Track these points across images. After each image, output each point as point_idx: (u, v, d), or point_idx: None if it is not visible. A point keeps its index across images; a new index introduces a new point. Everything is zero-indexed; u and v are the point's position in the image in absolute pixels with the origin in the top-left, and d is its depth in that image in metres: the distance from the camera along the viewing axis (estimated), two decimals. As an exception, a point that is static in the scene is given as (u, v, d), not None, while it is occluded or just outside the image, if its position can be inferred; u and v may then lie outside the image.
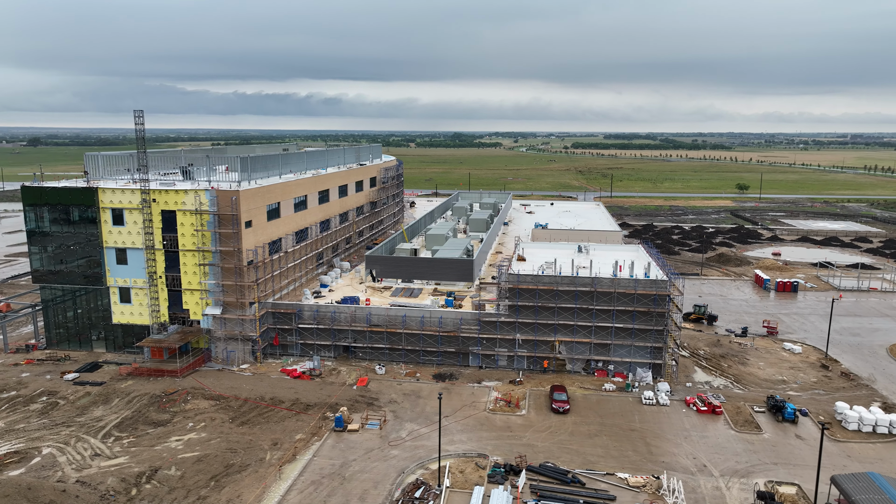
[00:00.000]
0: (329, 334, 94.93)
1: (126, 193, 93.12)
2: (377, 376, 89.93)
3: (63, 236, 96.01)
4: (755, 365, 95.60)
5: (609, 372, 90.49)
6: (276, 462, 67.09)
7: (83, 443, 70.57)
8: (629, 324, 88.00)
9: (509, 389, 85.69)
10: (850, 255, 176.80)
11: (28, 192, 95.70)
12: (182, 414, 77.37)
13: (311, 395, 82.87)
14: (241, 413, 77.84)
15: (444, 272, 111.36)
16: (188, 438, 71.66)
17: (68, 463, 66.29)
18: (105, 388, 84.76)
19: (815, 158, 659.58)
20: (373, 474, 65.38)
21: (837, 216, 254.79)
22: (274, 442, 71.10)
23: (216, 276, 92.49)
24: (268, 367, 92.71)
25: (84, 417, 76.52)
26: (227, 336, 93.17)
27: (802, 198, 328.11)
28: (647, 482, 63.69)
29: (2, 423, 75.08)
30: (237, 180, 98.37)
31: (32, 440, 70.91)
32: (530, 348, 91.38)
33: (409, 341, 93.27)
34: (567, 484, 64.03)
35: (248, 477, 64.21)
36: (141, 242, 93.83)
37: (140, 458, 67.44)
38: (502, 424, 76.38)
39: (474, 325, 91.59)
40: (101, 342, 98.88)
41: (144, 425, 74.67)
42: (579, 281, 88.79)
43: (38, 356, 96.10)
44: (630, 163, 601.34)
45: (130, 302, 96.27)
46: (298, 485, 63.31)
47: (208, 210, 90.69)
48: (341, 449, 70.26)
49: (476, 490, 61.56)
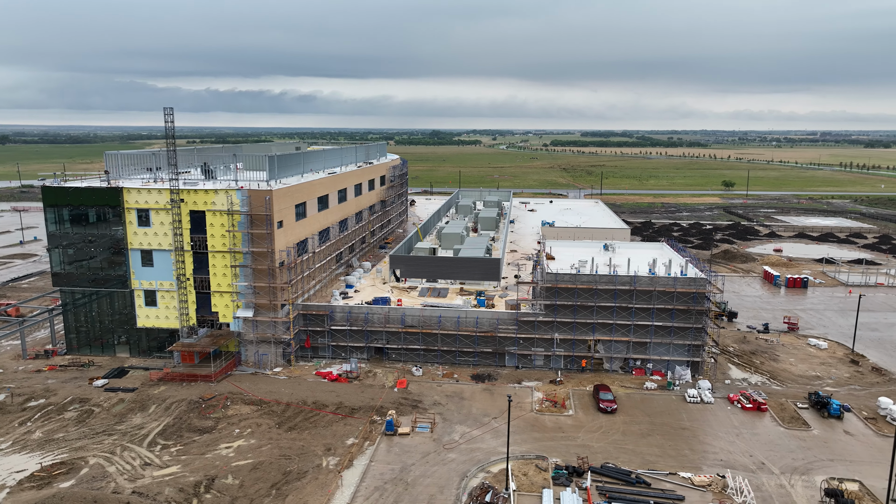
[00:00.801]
0: (362, 336, 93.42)
1: (153, 193, 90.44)
2: (415, 378, 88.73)
3: (85, 238, 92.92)
4: (786, 361, 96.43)
5: (647, 370, 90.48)
6: (333, 468, 65.64)
7: (129, 452, 68.29)
8: (668, 322, 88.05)
9: (551, 389, 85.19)
10: (849, 251, 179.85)
11: (49, 192, 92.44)
12: (225, 420, 75.36)
13: (354, 399, 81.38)
14: (286, 418, 76.07)
15: (470, 272, 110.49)
16: (237, 445, 69.78)
17: (119, 473, 64.05)
18: (138, 394, 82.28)
19: (790, 156, 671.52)
20: (435, 479, 64.30)
21: (827, 212, 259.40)
22: (327, 447, 69.57)
23: (247, 277, 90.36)
24: (301, 370, 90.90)
25: (124, 425, 74.08)
26: (258, 339, 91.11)
27: (787, 194, 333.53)
28: (711, 481, 63.60)
29: (39, 432, 72.33)
30: (265, 179, 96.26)
31: (75, 450, 68.41)
32: (567, 348, 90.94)
33: (444, 342, 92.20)
34: (632, 485, 63.68)
35: (308, 484, 62.67)
36: (168, 244, 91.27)
37: (192, 466, 65.45)
38: (552, 425, 75.79)
39: (512, 325, 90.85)
40: (125, 347, 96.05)
41: (189, 432, 72.53)
42: (618, 279, 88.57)
43: (60, 362, 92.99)
44: (611, 160, 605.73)
45: (156, 305, 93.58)
46: (362, 491, 61.97)
47: (240, 210, 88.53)
48: (397, 453, 69.01)
49: (545, 493, 60.89)
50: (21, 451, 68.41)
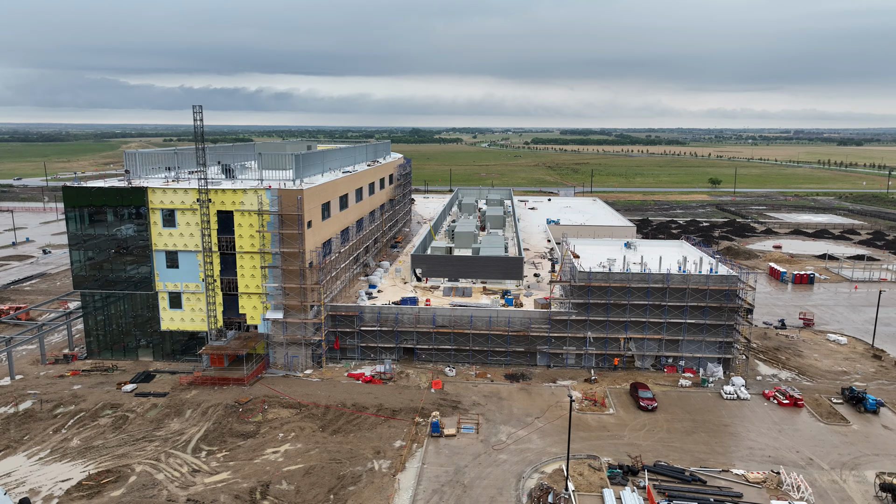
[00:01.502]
0: (392, 336, 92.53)
1: (178, 193, 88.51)
2: (448, 378, 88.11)
3: (108, 239, 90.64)
4: (810, 357, 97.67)
5: (678, 368, 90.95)
6: (387, 471, 64.83)
7: (174, 458, 66.73)
8: (700, 319, 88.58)
9: (587, 388, 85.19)
10: (846, 247, 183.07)
11: (70, 192, 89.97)
12: (267, 424, 74.02)
13: (393, 400, 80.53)
14: (328, 421, 74.98)
15: (492, 271, 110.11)
16: (284, 450, 68.57)
17: (169, 481, 62.52)
18: (170, 399, 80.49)
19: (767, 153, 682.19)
20: (491, 480, 63.82)
21: (816, 209, 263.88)
22: (376, 450, 68.69)
23: (276, 278, 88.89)
24: (332, 372, 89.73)
25: (163, 431, 72.38)
26: (288, 341, 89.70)
27: (773, 191, 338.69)
28: (766, 478, 64.04)
29: (76, 440, 70.33)
30: (291, 178, 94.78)
31: (118, 458, 66.64)
32: (599, 346, 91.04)
33: (476, 342, 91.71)
34: (687, 482, 63.86)
35: (365, 488, 61.78)
36: (194, 245, 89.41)
37: (243, 472, 64.14)
38: (596, 424, 75.75)
39: (544, 325, 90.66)
40: (147, 350, 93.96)
41: (232, 437, 71.10)
42: (651, 277, 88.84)
43: (82, 367, 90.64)
44: (595, 158, 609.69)
45: (181, 307, 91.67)
46: (420, 494, 61.27)
47: (269, 210, 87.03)
48: (447, 455, 68.39)
49: (606, 493, 60.77)
50: (61, 459, 66.47)
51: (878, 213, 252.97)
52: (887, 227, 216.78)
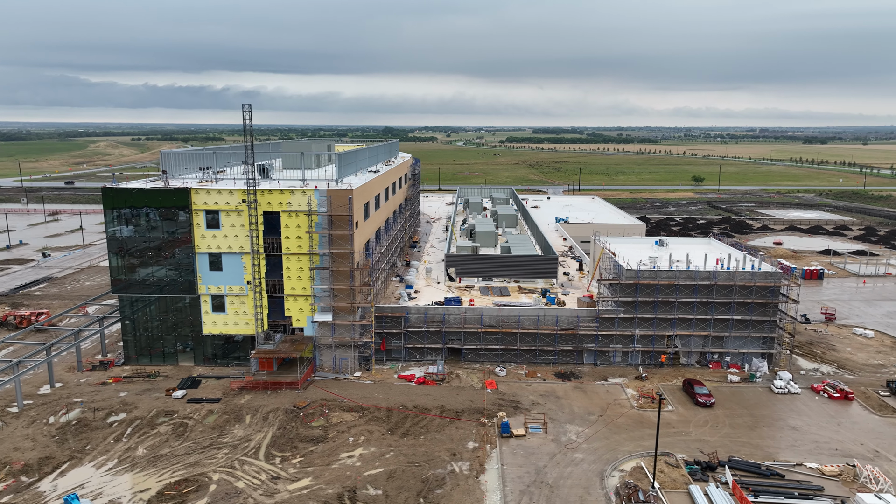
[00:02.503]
0: (438, 337, 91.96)
1: (223, 194, 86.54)
2: (499, 378, 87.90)
3: (149, 242, 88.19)
4: (844, 350, 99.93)
5: (724, 364, 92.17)
6: (468, 473, 64.37)
7: (249, 465, 65.26)
8: (746, 315, 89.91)
9: (639, 385, 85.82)
10: (842, 243, 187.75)
11: (110, 193, 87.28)
12: (334, 428, 72.85)
13: (453, 401, 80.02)
14: (394, 424, 74.13)
15: (526, 270, 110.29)
16: (359, 454, 67.58)
17: (251, 488, 61.11)
18: (225, 405, 78.71)
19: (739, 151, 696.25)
20: (574, 480, 63.82)
21: (802, 206, 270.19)
22: (451, 452, 68.14)
23: (324, 280, 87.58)
24: (381, 374, 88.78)
25: (228, 438, 70.72)
26: (337, 343, 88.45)
27: (755, 189, 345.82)
28: (842, 471, 65.25)
29: (141, 449, 68.27)
30: (334, 178, 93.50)
31: (190, 466, 64.89)
32: (646, 343, 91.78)
33: (523, 341, 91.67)
34: (765, 477, 64.73)
35: (453, 491, 61.23)
36: (239, 246, 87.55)
37: (324, 478, 63.03)
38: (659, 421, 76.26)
39: (592, 323, 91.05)
40: (188, 355, 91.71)
41: (302, 442, 69.81)
42: (698, 275, 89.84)
43: (122, 373, 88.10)
44: (572, 157, 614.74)
45: (224, 311, 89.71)
46: (509, 496, 60.95)
47: (318, 211, 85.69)
48: (523, 455, 68.17)
49: (693, 489, 61.24)
50: (132, 469, 64.45)
51: (862, 210, 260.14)
52: (875, 223, 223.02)
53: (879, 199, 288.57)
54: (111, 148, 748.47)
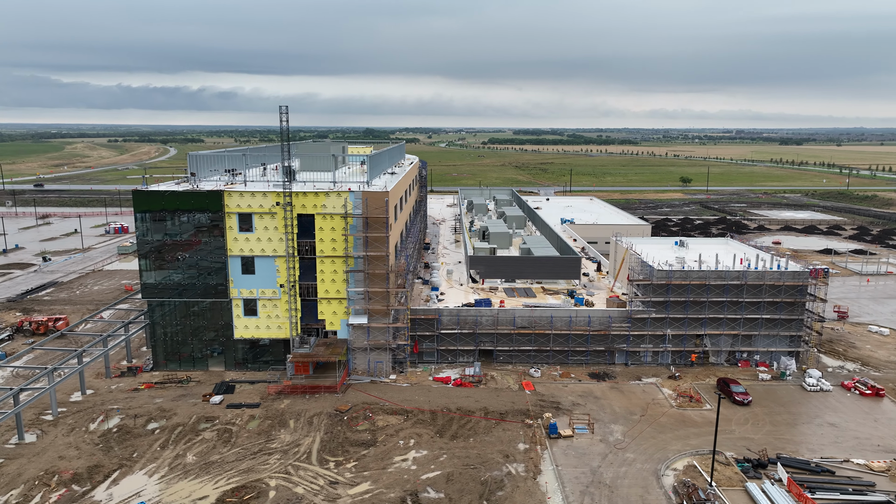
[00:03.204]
0: (471, 339, 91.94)
1: (256, 197, 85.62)
2: (534, 379, 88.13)
3: (180, 245, 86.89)
4: (863, 348, 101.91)
5: (752, 362, 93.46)
6: (525, 474, 64.45)
7: (304, 471, 64.64)
8: (775, 314, 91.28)
9: (674, 385, 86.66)
10: (839, 242, 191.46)
11: (141, 197, 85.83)
12: (382, 432, 72.44)
13: (494, 403, 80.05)
14: (440, 426, 73.92)
15: (548, 271, 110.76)
16: (413, 457, 67.30)
17: (312, 494, 60.55)
18: (266, 409, 77.85)
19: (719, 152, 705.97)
20: (631, 479, 64.22)
21: (793, 206, 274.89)
22: (504, 454, 68.16)
23: (358, 282, 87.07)
24: (416, 377, 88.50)
25: (276, 443, 69.96)
26: (372, 346, 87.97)
27: (742, 189, 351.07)
28: (889, 466, 66.55)
29: (190, 456, 67.24)
30: (365, 181, 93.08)
31: (245, 473, 64.07)
32: (677, 343, 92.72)
33: (556, 342, 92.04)
34: (816, 473, 65.76)
35: (515, 493, 61.27)
36: (272, 250, 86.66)
37: (383, 482, 62.67)
38: (701, 420, 77.14)
39: (624, 323, 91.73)
40: (218, 360, 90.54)
41: (352, 447, 69.31)
42: (728, 274, 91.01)
43: (153, 379, 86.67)
44: (557, 158, 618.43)
45: (256, 315, 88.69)
46: (570, 496, 61.14)
47: (353, 213, 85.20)
48: (575, 456, 68.44)
49: (751, 487, 62.03)
50: (185, 476, 63.44)
51: (849, 210, 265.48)
52: (867, 223, 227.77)
53: (865, 199, 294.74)
54: (89, 149, 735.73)
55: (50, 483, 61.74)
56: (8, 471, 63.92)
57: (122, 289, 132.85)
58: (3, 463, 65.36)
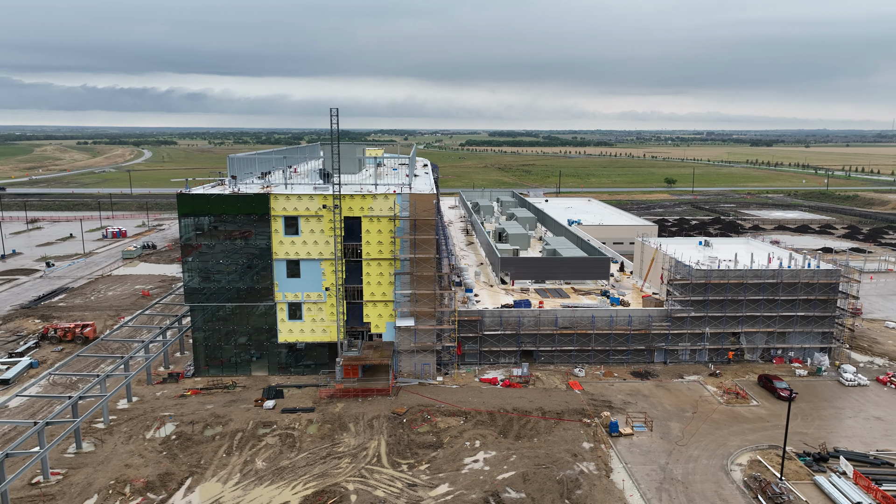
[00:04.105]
0: (513, 340, 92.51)
1: (303, 200, 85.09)
2: (580, 379, 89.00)
3: (225, 249, 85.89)
4: (886, 343, 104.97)
5: (786, 359, 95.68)
6: (597, 472, 65.18)
7: (378, 474, 64.49)
8: (809, 311, 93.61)
9: (716, 382, 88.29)
10: (833, 241, 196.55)
11: (186, 200, 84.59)
12: (444, 434, 72.53)
13: (548, 403, 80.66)
14: (502, 427, 74.29)
15: (578, 271, 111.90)
16: (483, 458, 67.58)
17: (394, 497, 60.44)
18: (322, 414, 77.35)
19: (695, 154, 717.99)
20: (701, 475, 65.36)
21: (781, 206, 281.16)
22: (572, 453, 68.77)
23: (405, 285, 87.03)
24: (463, 378, 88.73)
25: (342, 447, 69.60)
26: (418, 348, 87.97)
27: (727, 190, 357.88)
28: (943, 456, 68.84)
29: (259, 462, 66.56)
30: (406, 183, 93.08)
31: (320, 477, 63.67)
32: (714, 341, 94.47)
33: (597, 341, 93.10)
34: (877, 466, 67.69)
35: (593, 491, 61.94)
36: (317, 253, 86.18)
37: (461, 484, 62.83)
38: (751, 415, 78.79)
39: (664, 322, 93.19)
40: (261, 364, 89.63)
41: (420, 449, 69.31)
42: (764, 273, 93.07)
43: (198, 384, 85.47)
44: (537, 159, 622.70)
45: (301, 318, 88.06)
46: (647, 493, 62.00)
47: (400, 215, 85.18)
48: (640, 454, 69.40)
49: (820, 480, 63.61)
50: (260, 482, 62.80)
51: (833, 209, 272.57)
52: (855, 222, 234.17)
53: (847, 199, 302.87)
54: (59, 152, 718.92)
55: (124, 492, 60.62)
56: (76, 480, 62.58)
57: (136, 294, 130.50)
58: (69, 473, 63.97)
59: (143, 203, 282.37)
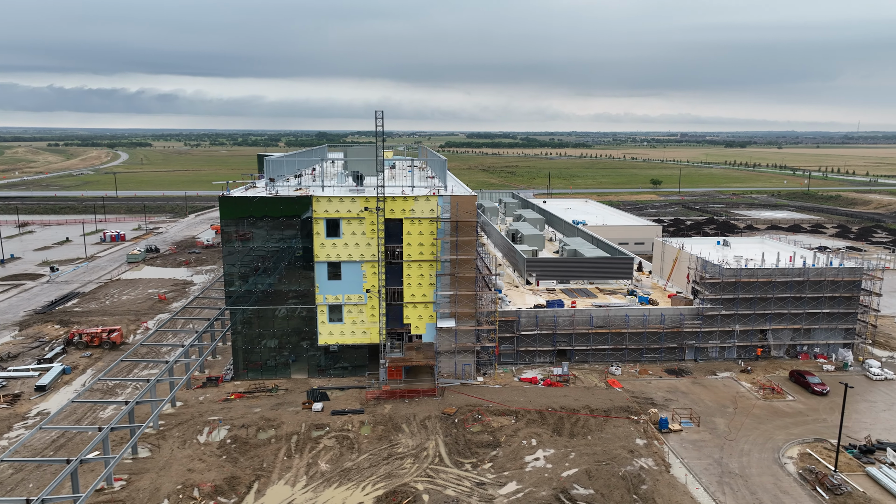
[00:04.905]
0: (549, 339, 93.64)
1: (345, 202, 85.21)
2: (617, 377, 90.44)
3: (267, 252, 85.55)
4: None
5: (811, 355, 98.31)
6: (656, 468, 66.51)
7: (445, 473, 65.03)
8: (834, 308, 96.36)
9: (750, 378, 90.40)
10: (826, 240, 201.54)
11: (228, 203, 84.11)
12: (499, 433, 73.29)
13: (593, 401, 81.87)
14: (554, 425, 75.28)
15: (602, 271, 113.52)
16: (543, 456, 68.51)
17: (465, 496, 61.04)
18: (371, 415, 77.55)
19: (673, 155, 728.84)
20: (757, 469, 67.08)
21: (768, 206, 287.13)
22: (628, 450, 70.04)
23: (445, 286, 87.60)
24: (502, 378, 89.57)
25: (401, 448, 69.96)
26: (459, 349, 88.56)
27: (711, 190, 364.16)
28: (981, 446, 71.53)
29: (323, 464, 66.62)
30: (442, 185, 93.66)
31: (387, 478, 63.98)
32: (743, 338, 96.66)
33: (630, 340, 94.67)
34: (919, 456, 70.11)
35: (658, 485, 63.22)
36: (359, 255, 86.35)
37: (528, 481, 63.67)
38: (791, 410, 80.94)
39: (696, 320, 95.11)
40: (300, 366, 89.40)
41: (479, 448, 69.97)
42: (790, 272, 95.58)
43: (241, 388, 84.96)
44: (519, 161, 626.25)
45: (342, 320, 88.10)
46: (710, 486, 63.48)
47: (441, 217, 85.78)
48: (693, 449, 70.92)
49: (874, 472, 65.71)
50: (329, 484, 62.90)
51: (818, 209, 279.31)
52: (843, 221, 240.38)
53: (830, 199, 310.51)
54: (32, 154, 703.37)
55: (194, 496, 60.26)
56: (142, 486, 62.02)
57: (152, 298, 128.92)
58: (131, 478, 63.34)
59: (131, 206, 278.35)
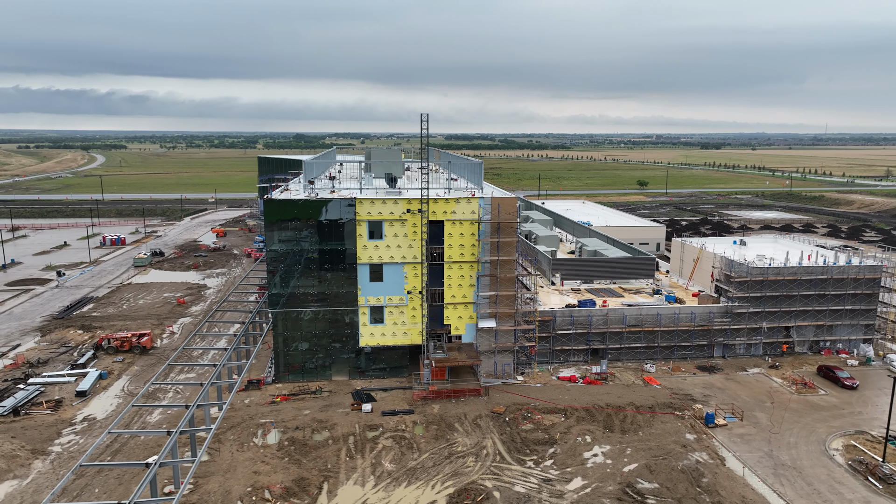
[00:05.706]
0: (583, 338, 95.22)
1: (387, 204, 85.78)
2: (652, 374, 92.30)
3: (310, 255, 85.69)
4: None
5: (833, 350, 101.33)
6: (712, 461, 68.33)
7: (509, 471, 66.05)
8: (856, 305, 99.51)
9: (780, 373, 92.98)
10: (819, 239, 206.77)
11: (272, 206, 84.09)
12: (552, 430, 74.50)
13: (636, 398, 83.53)
14: (604, 422, 76.74)
15: (624, 271, 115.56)
16: (601, 452, 69.91)
17: (536, 491, 62.18)
18: (422, 415, 78.22)
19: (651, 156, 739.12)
20: (808, 461, 69.26)
21: (757, 207, 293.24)
22: (681, 444, 71.77)
23: (485, 287, 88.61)
24: (541, 377, 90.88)
25: (460, 447, 70.80)
26: (500, 349, 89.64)
27: (697, 191, 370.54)
28: None
29: (387, 464, 67.18)
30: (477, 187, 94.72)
31: (455, 476, 64.80)
32: (769, 335, 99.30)
33: (663, 338, 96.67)
34: (956, 445, 73.02)
35: (717, 478, 64.97)
36: (401, 257, 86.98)
37: (592, 477, 65.01)
38: (826, 403, 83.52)
39: (725, 318, 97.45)
40: (341, 368, 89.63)
41: (536, 445, 71.14)
42: (814, 270, 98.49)
43: (285, 391, 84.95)
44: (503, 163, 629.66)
45: (383, 322, 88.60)
46: (767, 479, 65.44)
47: (482, 219, 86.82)
48: (741, 443, 72.89)
49: (918, 460, 68.40)
50: (398, 484, 63.52)
51: (804, 209, 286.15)
52: (832, 221, 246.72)
53: (813, 199, 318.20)
54: (4, 157, 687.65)
55: (266, 497, 60.42)
56: (212, 489, 62.00)
57: (170, 302, 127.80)
58: (198, 482, 63.23)
59: (120, 209, 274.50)
